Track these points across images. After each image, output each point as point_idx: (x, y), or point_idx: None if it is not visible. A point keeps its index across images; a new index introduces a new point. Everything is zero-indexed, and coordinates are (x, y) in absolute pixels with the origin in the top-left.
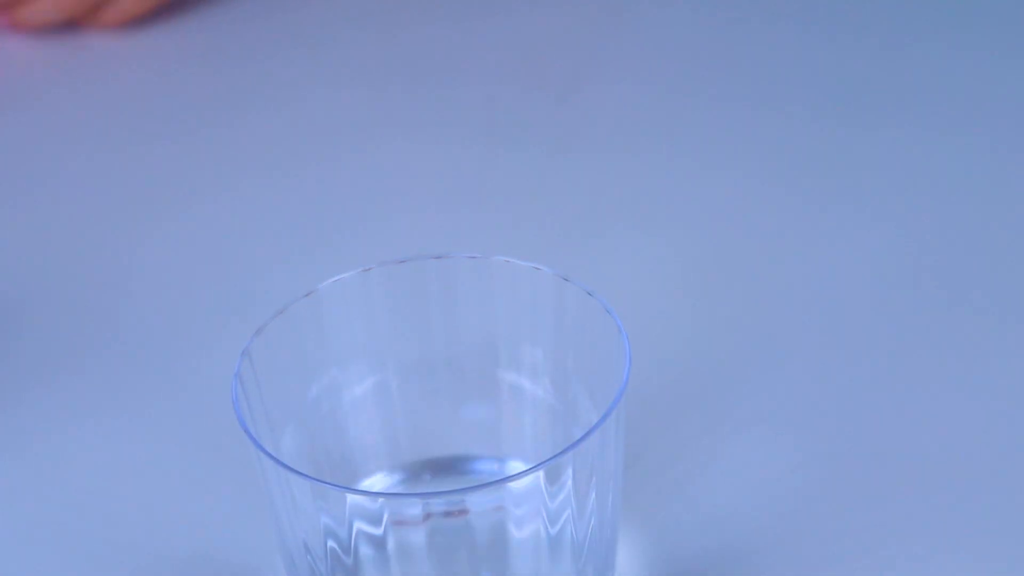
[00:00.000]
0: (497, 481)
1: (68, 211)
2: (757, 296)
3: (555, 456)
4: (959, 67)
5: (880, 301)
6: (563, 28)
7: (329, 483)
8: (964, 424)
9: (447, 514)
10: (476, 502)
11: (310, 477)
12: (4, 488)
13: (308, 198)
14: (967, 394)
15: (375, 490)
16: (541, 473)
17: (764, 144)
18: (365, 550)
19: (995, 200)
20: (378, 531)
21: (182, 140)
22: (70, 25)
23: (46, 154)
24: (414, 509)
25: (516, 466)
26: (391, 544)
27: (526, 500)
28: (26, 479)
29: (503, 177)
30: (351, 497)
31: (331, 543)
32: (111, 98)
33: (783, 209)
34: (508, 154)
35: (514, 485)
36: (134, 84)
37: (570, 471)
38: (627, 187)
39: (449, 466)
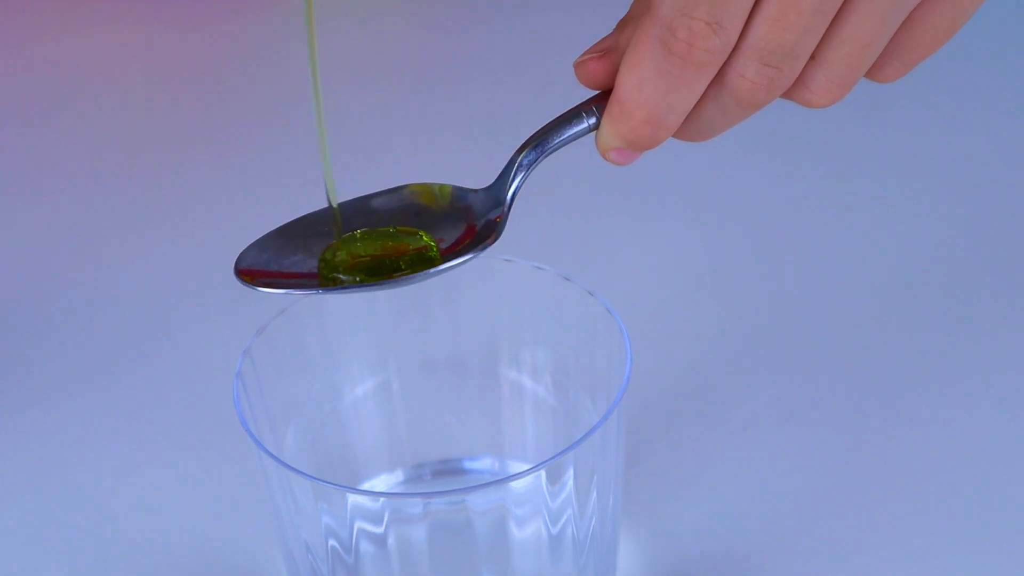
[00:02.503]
0: (498, 481)
1: (70, 211)
2: (758, 297)
3: (556, 456)
4: (959, 79)
5: (880, 304)
6: (564, 26)
7: (330, 483)
8: (961, 426)
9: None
10: (477, 502)
11: (312, 477)
12: (5, 487)
13: (309, 197)
14: (963, 397)
15: (376, 490)
16: (542, 473)
17: (766, 145)
18: (366, 550)
19: (990, 207)
20: (379, 531)
21: (185, 140)
22: None
23: (47, 154)
24: (415, 509)
25: (517, 466)
26: (392, 544)
27: (527, 500)
28: (27, 478)
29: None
30: (352, 497)
31: (332, 542)
32: (112, 97)
33: (785, 211)
34: (509, 154)
35: (515, 485)
36: (135, 83)
37: (571, 471)
38: (629, 188)
39: (450, 466)
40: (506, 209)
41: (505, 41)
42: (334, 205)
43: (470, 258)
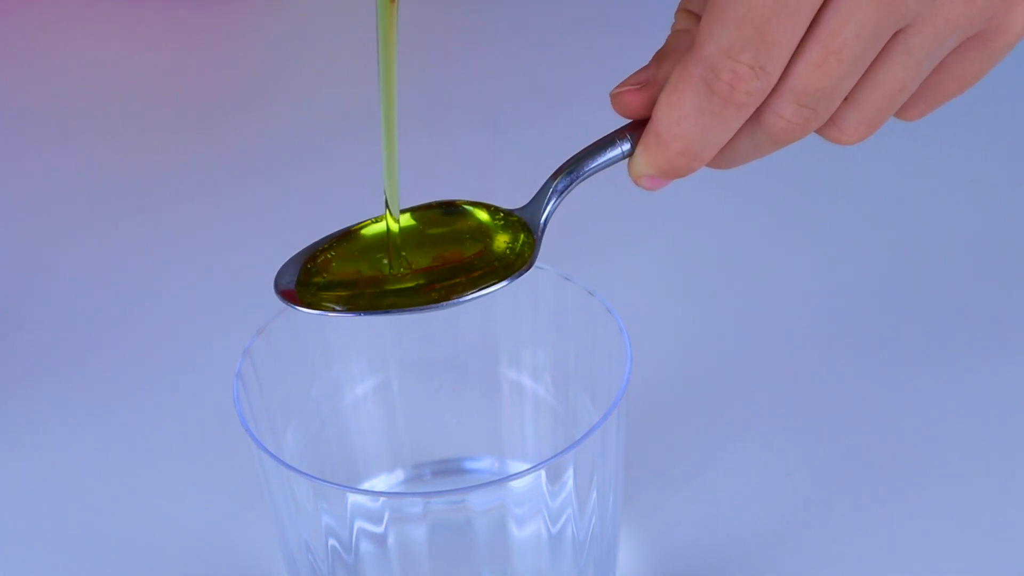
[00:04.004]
0: (498, 480)
1: (70, 209)
2: (757, 297)
3: (556, 455)
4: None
5: (881, 304)
6: (564, 26)
7: (330, 482)
8: (962, 427)
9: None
10: (477, 501)
11: (312, 476)
12: (4, 487)
13: (310, 196)
14: (965, 398)
15: (376, 490)
16: (542, 472)
17: None
18: (366, 549)
19: (991, 209)
20: (379, 530)
21: (184, 137)
22: None
23: (45, 151)
24: (415, 508)
25: (517, 466)
26: (392, 544)
27: (527, 499)
28: (27, 478)
29: (504, 176)
30: (352, 496)
31: (332, 542)
32: (111, 94)
33: (785, 211)
34: (509, 153)
35: (515, 484)
36: (134, 82)
37: (571, 471)
38: (629, 187)
39: (450, 466)
40: (539, 235)
41: (503, 33)
42: (395, 218)
43: (504, 284)
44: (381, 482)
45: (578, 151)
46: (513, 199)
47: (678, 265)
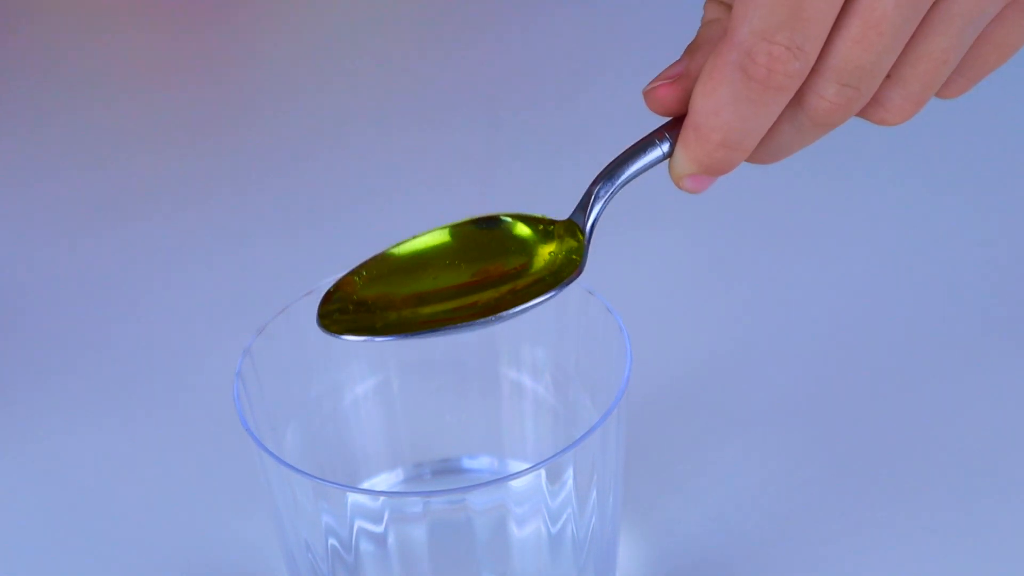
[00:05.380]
0: (498, 480)
1: (70, 209)
2: (757, 296)
3: (556, 455)
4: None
5: (881, 303)
6: (564, 28)
7: (330, 482)
8: (958, 427)
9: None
10: (477, 501)
11: (312, 476)
12: (4, 487)
13: (310, 196)
14: (961, 398)
15: (376, 489)
16: (542, 472)
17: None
18: (366, 549)
19: (994, 208)
20: (379, 530)
21: (184, 138)
22: None
23: (46, 151)
24: (415, 508)
25: (517, 465)
26: (392, 543)
27: (527, 499)
28: (27, 478)
29: (504, 176)
30: (352, 496)
31: (332, 542)
32: (111, 96)
33: (785, 210)
34: (509, 154)
35: (515, 484)
36: (134, 81)
37: (571, 470)
38: (629, 187)
39: (450, 465)
40: (586, 241)
41: (503, 40)
42: None
43: (553, 295)
44: (381, 481)
45: (617, 155)
46: (516, 197)
47: (678, 265)
